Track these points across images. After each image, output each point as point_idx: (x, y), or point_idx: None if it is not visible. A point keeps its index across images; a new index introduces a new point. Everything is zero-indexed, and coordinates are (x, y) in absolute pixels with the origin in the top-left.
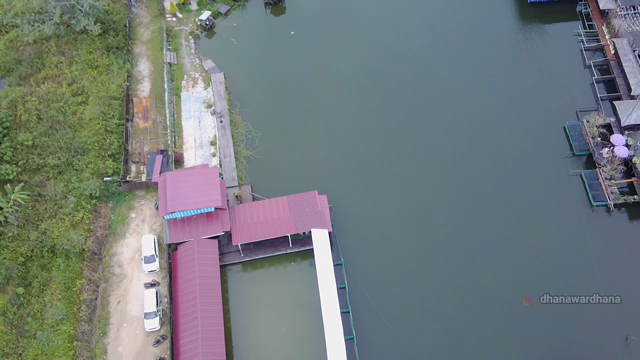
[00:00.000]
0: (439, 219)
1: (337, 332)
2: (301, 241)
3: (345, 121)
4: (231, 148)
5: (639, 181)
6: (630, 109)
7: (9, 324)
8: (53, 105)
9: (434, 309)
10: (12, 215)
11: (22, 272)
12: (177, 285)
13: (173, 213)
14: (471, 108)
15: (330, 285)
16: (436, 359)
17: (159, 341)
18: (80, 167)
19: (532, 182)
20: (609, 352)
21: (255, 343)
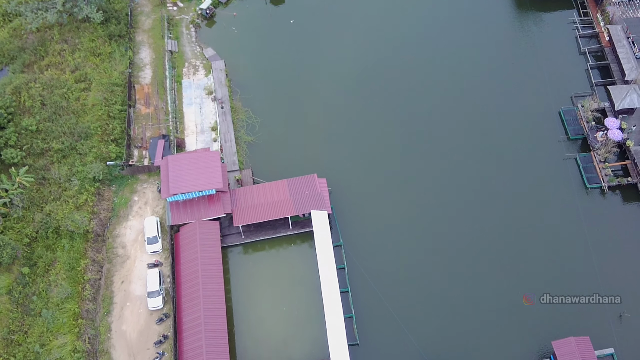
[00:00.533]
0: (436, 201)
1: (337, 311)
2: (301, 223)
3: (344, 106)
4: (232, 133)
5: (632, 164)
6: (624, 93)
7: (15, 302)
8: (56, 92)
9: (431, 288)
10: (17, 198)
11: (27, 253)
12: (180, 266)
13: (175, 195)
14: (468, 94)
15: (330, 266)
16: (433, 335)
17: (162, 319)
18: (83, 151)
19: (528, 165)
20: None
21: (256, 321)
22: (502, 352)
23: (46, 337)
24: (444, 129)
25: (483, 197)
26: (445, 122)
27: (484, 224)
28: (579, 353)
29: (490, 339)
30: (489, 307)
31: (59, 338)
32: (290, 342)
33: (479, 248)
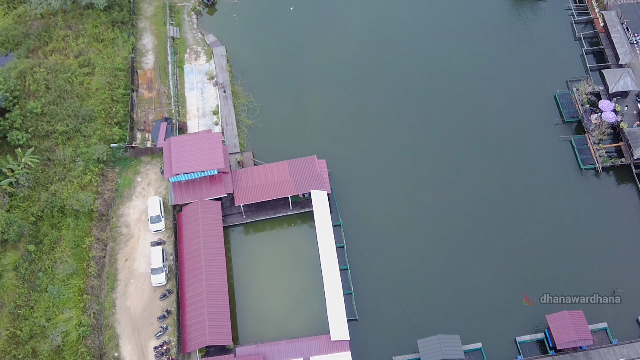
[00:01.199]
0: (433, 182)
1: (336, 288)
2: (301, 203)
3: (343, 90)
4: (233, 117)
5: (626, 145)
6: (618, 77)
7: (21, 278)
8: (60, 76)
9: (428, 265)
10: (23, 177)
11: (33, 231)
12: (182, 244)
13: (178, 175)
14: (466, 78)
15: (329, 244)
16: (430, 310)
17: (165, 295)
18: (87, 134)
19: (524, 147)
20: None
21: (258, 298)
22: (498, 327)
23: (52, 311)
24: (441, 111)
25: (480, 178)
26: (442, 105)
27: (481, 203)
28: (573, 326)
29: (485, 314)
30: (484, 283)
31: (65, 312)
32: (290, 317)
33: (475, 227)
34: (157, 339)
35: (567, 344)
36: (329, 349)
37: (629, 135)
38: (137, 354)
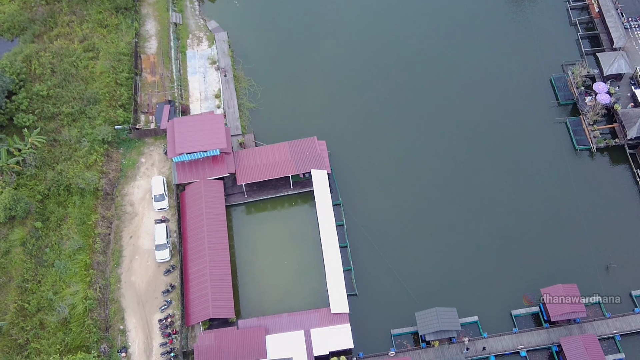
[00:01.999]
0: (431, 162)
1: (336, 264)
2: (301, 183)
3: (343, 74)
4: (235, 100)
5: (620, 126)
6: (612, 60)
7: (29, 254)
8: (66, 60)
9: (425, 241)
10: (29, 157)
11: (40, 209)
12: (186, 222)
13: (181, 155)
14: (463, 62)
15: (330, 222)
16: (427, 285)
17: (169, 271)
18: (92, 115)
19: (520, 129)
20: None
21: (259, 274)
22: (494, 301)
23: (59, 285)
24: (439, 94)
25: (477, 158)
26: (440, 88)
27: (478, 183)
28: (567, 299)
29: (481, 289)
30: (480, 259)
31: (71, 286)
32: (291, 292)
33: (472, 205)
34: (162, 312)
35: (561, 317)
36: (329, 322)
37: (623, 116)
38: (142, 327)
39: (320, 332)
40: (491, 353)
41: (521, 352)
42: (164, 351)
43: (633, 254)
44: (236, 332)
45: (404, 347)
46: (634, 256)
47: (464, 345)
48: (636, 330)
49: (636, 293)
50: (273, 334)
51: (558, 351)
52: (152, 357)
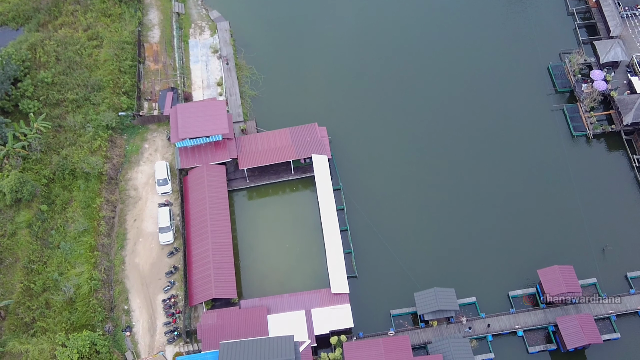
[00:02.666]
0: (429, 147)
1: (337, 247)
2: (302, 169)
3: (343, 62)
4: (236, 88)
5: (616, 113)
6: (609, 47)
7: (34, 235)
8: (70, 48)
9: (424, 224)
10: (35, 141)
11: (45, 192)
12: (189, 205)
13: (184, 140)
14: (462, 51)
15: (330, 206)
16: (425, 267)
17: (173, 253)
18: (97, 102)
19: (518, 116)
20: (586, 260)
21: (261, 257)
22: (491, 282)
23: (64, 266)
24: (438, 81)
25: (476, 145)
26: (439, 75)
27: (476, 168)
28: (563, 279)
29: (479, 270)
30: (478, 242)
31: (77, 267)
32: (292, 274)
33: (470, 190)
34: (165, 292)
35: (557, 296)
36: (330, 302)
37: (619, 102)
38: (146, 307)
39: (321, 312)
40: (494, 331)
41: (518, 331)
42: (168, 330)
43: (629, 237)
44: (238, 311)
45: (403, 327)
46: (630, 239)
47: (466, 325)
48: (631, 311)
49: (631, 275)
50: (274, 313)
51: (554, 331)
52: (156, 336)
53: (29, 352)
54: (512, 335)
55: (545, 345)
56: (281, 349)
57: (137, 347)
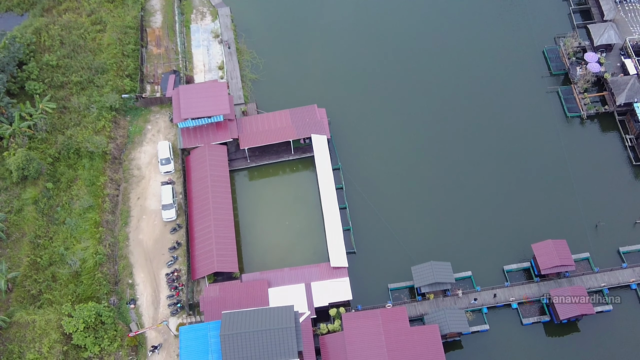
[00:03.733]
0: (426, 128)
1: (336, 224)
2: (302, 149)
3: (342, 46)
4: (237, 71)
5: (609, 94)
6: (602, 30)
7: (40, 212)
8: (74, 32)
9: (420, 201)
10: (40, 122)
11: (51, 171)
12: (191, 184)
13: (186, 120)
14: (459, 35)
15: (329, 185)
16: (422, 242)
17: (176, 229)
18: (100, 84)
19: (514, 97)
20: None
21: (262, 234)
22: (487, 257)
23: (70, 241)
24: (435, 64)
25: (472, 125)
26: (436, 58)
27: (473, 148)
28: (556, 253)
29: (475, 246)
30: (474, 219)
31: (82, 242)
32: (293, 250)
33: (467, 169)
34: (169, 267)
35: (550, 269)
36: (329, 275)
37: (612, 84)
38: (149, 281)
39: (321, 285)
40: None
41: (512, 304)
42: (171, 303)
43: (621, 214)
44: (240, 285)
45: (400, 300)
46: (622, 215)
47: (461, 297)
48: (623, 284)
49: (624, 250)
50: (275, 287)
51: (548, 303)
52: (160, 308)
53: (36, 322)
54: (507, 308)
55: (539, 316)
56: (282, 318)
57: (141, 319)
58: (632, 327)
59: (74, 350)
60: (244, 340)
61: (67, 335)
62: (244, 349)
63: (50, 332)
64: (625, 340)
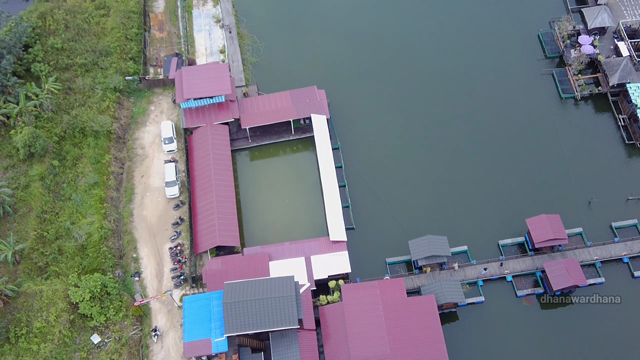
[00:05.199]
0: (423, 108)
1: (335, 201)
2: (302, 129)
3: (341, 29)
4: (238, 55)
5: (603, 75)
6: (596, 13)
7: (47, 188)
8: (78, 16)
9: (417, 179)
10: (46, 101)
11: (57, 149)
12: (194, 163)
13: (189, 101)
14: (457, 18)
15: (329, 164)
16: (419, 218)
17: (179, 205)
18: (104, 66)
19: (510, 79)
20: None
21: (263, 211)
22: (482, 232)
23: (76, 216)
24: (433, 46)
25: (470, 105)
26: (434, 41)
27: (470, 127)
28: (550, 227)
29: (470, 221)
30: (470, 195)
31: (88, 217)
32: (293, 226)
33: (463, 148)
34: (172, 242)
35: (544, 243)
36: (328, 249)
37: (605, 65)
38: (153, 255)
39: (320, 259)
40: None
41: (507, 277)
42: (174, 275)
43: (613, 190)
44: (241, 258)
45: (398, 273)
46: (614, 192)
47: (457, 270)
48: (615, 257)
49: (616, 225)
50: (276, 260)
51: (542, 276)
52: (163, 281)
53: (43, 292)
54: (502, 281)
55: (533, 288)
56: (283, 287)
57: (145, 291)
58: (623, 300)
59: (80, 320)
60: (246, 308)
61: (73, 305)
62: (246, 316)
63: (57, 302)
64: (617, 312)
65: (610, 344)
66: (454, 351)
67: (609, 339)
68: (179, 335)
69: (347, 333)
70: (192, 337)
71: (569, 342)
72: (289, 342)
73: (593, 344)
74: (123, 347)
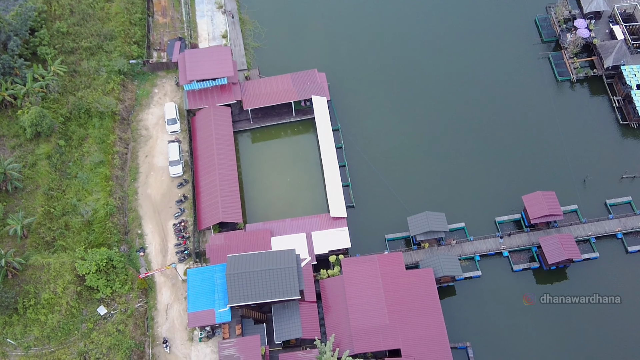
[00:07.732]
0: (422, 91)
1: (336, 179)
2: (303, 111)
3: (341, 13)
4: (240, 40)
5: (598, 58)
6: None
7: (53, 167)
8: (83, 2)
9: (416, 158)
10: (53, 83)
11: (63, 130)
12: (197, 143)
13: (192, 82)
14: (457, 3)
15: (329, 144)
16: (417, 196)
17: (182, 184)
18: (109, 50)
19: (507, 63)
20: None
21: (264, 190)
22: (479, 209)
23: (82, 194)
24: (432, 30)
25: (468, 88)
26: (432, 24)
27: (468, 109)
28: (546, 203)
29: (468, 199)
30: (467, 174)
31: (94, 194)
32: (294, 204)
33: (461, 128)
34: (176, 218)
35: (540, 219)
36: (329, 225)
37: (600, 48)
38: (158, 231)
39: (321, 234)
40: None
41: (504, 252)
42: (178, 250)
43: (608, 169)
44: (244, 234)
45: (396, 249)
46: (609, 170)
47: (454, 246)
48: (609, 233)
49: (610, 202)
50: (277, 236)
51: (537, 252)
52: (168, 256)
53: (51, 264)
54: (498, 256)
55: (529, 263)
56: (284, 259)
57: (150, 265)
58: (617, 274)
59: (87, 292)
60: (249, 279)
61: (80, 277)
62: (249, 287)
63: (64, 274)
64: (610, 286)
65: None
66: (452, 322)
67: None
68: (183, 308)
69: (348, 305)
70: (196, 308)
71: (563, 315)
72: (291, 313)
73: (591, 318)
74: (129, 318)
